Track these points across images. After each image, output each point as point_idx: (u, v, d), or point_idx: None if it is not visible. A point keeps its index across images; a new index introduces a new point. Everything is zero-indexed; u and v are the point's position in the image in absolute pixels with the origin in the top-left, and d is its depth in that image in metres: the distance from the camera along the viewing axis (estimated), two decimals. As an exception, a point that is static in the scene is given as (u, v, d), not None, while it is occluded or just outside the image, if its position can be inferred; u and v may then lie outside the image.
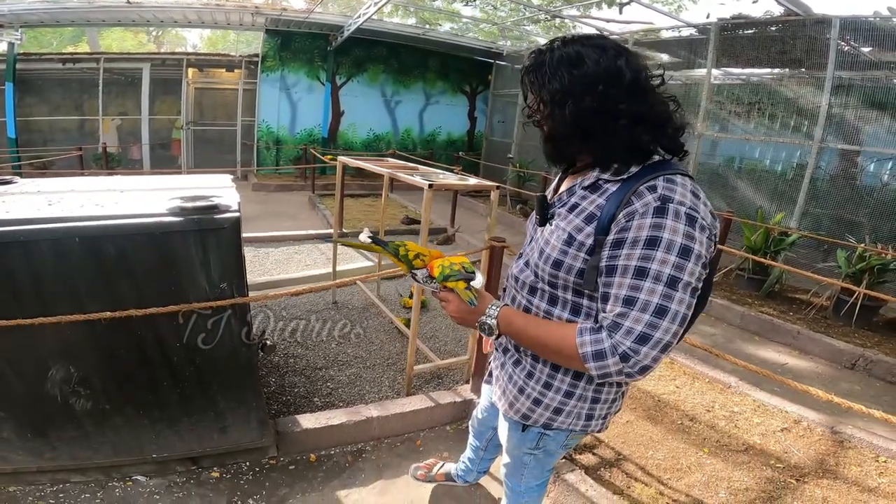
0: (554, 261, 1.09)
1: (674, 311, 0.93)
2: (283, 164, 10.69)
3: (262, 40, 10.07)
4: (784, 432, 2.69)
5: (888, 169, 5.21)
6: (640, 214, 0.96)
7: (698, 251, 0.95)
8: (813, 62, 5.50)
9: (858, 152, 5.31)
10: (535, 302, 1.18)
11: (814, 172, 5.45)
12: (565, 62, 1.02)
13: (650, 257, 0.94)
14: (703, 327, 4.39)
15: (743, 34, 6.16)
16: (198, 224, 1.62)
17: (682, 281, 0.94)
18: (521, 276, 1.22)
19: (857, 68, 5.37)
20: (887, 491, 2.28)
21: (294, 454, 2.31)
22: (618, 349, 0.95)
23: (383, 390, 2.88)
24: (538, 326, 1.11)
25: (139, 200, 1.90)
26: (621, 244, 0.97)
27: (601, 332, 0.98)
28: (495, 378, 1.39)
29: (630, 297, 0.95)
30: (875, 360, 3.61)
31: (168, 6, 8.35)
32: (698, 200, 0.98)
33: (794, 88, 5.81)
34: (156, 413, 1.90)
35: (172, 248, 1.66)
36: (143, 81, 9.57)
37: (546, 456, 1.36)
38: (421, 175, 2.85)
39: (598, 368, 0.98)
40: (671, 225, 0.94)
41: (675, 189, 0.97)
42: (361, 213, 7.55)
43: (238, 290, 1.77)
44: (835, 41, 5.14)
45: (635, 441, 2.57)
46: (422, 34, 10.56)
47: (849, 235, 4.86)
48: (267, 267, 4.95)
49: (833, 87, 5.27)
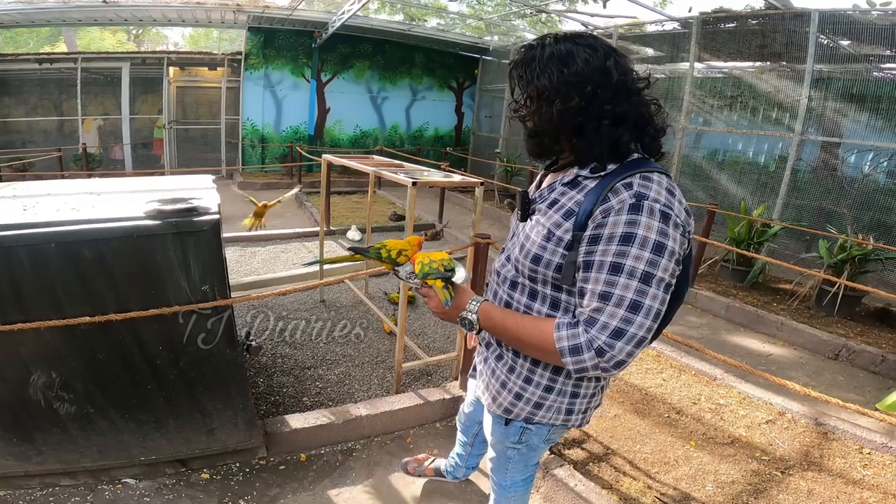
0: (533, 255, 1.10)
1: (647, 307, 0.95)
2: (269, 162, 10.58)
3: (244, 38, 9.94)
4: (769, 424, 2.73)
5: (868, 160, 5.29)
6: (615, 211, 0.97)
7: (672, 248, 0.97)
8: (793, 55, 5.57)
9: (839, 144, 5.38)
10: (515, 296, 1.19)
11: (795, 164, 5.52)
12: (555, 59, 1.02)
13: (625, 253, 0.95)
14: (690, 318, 4.43)
15: (724, 28, 6.21)
16: (176, 227, 1.60)
17: (656, 277, 0.95)
18: (503, 271, 1.24)
19: (837, 61, 5.44)
20: (872, 483, 2.31)
21: (284, 454, 2.30)
22: (593, 344, 0.96)
23: (372, 388, 2.87)
24: (517, 321, 1.12)
25: (116, 203, 1.87)
26: (598, 240, 0.99)
27: (578, 326, 1.00)
28: (479, 373, 1.41)
29: (605, 293, 0.96)
30: (857, 350, 3.67)
31: (146, 5, 8.20)
32: (673, 198, 1.00)
33: (775, 82, 5.87)
34: (141, 416, 1.90)
35: (151, 252, 1.65)
36: (123, 81, 9.39)
37: (529, 450, 1.38)
38: (405, 173, 2.83)
39: (575, 363, 0.99)
40: (646, 222, 0.95)
41: (651, 187, 0.99)
42: (349, 210, 7.51)
43: (220, 291, 1.75)
44: (814, 34, 5.19)
45: (623, 435, 2.59)
46: (408, 30, 10.49)
47: (830, 226, 4.93)
48: (254, 266, 4.90)
49: (813, 81, 5.32)
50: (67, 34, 14.66)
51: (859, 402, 3.11)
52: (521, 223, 1.21)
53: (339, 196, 8.27)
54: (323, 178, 3.70)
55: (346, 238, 5.97)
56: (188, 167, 9.86)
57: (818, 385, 3.34)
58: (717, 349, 3.82)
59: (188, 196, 1.77)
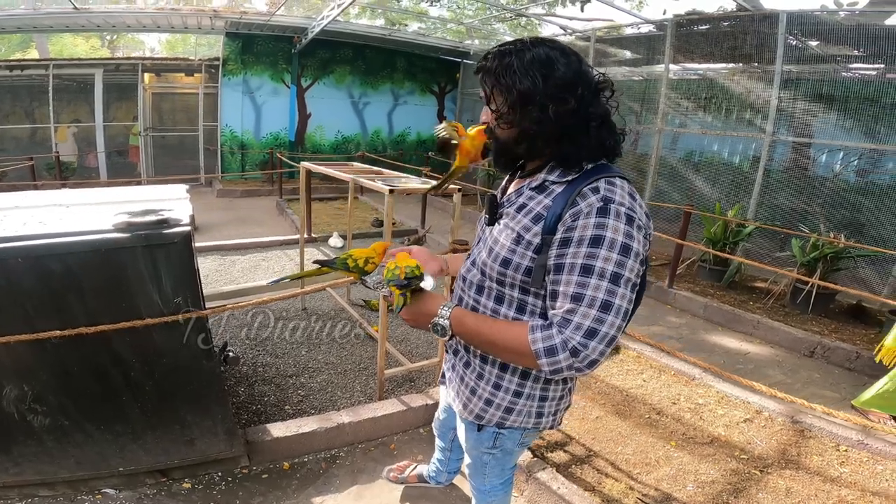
0: (503, 259, 1.12)
1: (617, 306, 0.98)
2: (249, 168, 10.45)
3: (222, 44, 9.83)
4: (747, 423, 2.77)
5: (839, 160, 5.42)
6: (584, 214, 1.00)
7: (636, 249, 1.00)
8: (763, 56, 5.65)
9: (809, 144, 5.49)
10: (482, 301, 1.21)
11: (767, 165, 5.61)
12: (538, 64, 1.03)
13: (595, 255, 0.98)
14: (670, 318, 4.50)
15: (697, 30, 6.30)
16: (146, 240, 1.58)
17: (624, 277, 0.99)
18: (468, 276, 1.25)
19: (805, 62, 5.54)
20: (849, 480, 2.35)
21: (266, 463, 2.30)
22: (568, 344, 0.98)
23: (355, 395, 2.86)
24: (491, 326, 1.12)
25: (86, 216, 1.84)
26: (568, 243, 1.01)
27: (552, 328, 1.01)
28: (448, 380, 1.41)
29: (578, 294, 0.99)
30: (832, 348, 3.75)
31: (119, 11, 8.07)
32: (635, 202, 1.04)
33: (747, 83, 5.96)
34: (117, 427, 1.89)
35: (120, 265, 1.64)
36: (96, 87, 9.18)
37: (504, 455, 1.39)
38: (383, 180, 2.82)
39: (550, 364, 1.00)
40: (613, 224, 0.99)
41: (616, 191, 1.02)
42: (331, 216, 7.46)
43: (193, 303, 1.74)
44: (782, 35, 5.27)
45: (605, 437, 2.62)
46: (388, 35, 10.49)
47: (802, 225, 5.04)
48: (233, 275, 4.84)
49: (782, 81, 5.41)
50: (39, 40, 14.33)
51: (835, 399, 3.21)
52: (488, 227, 1.22)
53: (322, 202, 8.21)
54: (302, 185, 3.67)
55: (328, 245, 5.93)
56: (165, 175, 9.68)
57: (794, 382, 3.41)
58: (695, 349, 3.89)
59: (159, 208, 1.74)
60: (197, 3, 9.06)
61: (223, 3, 9.18)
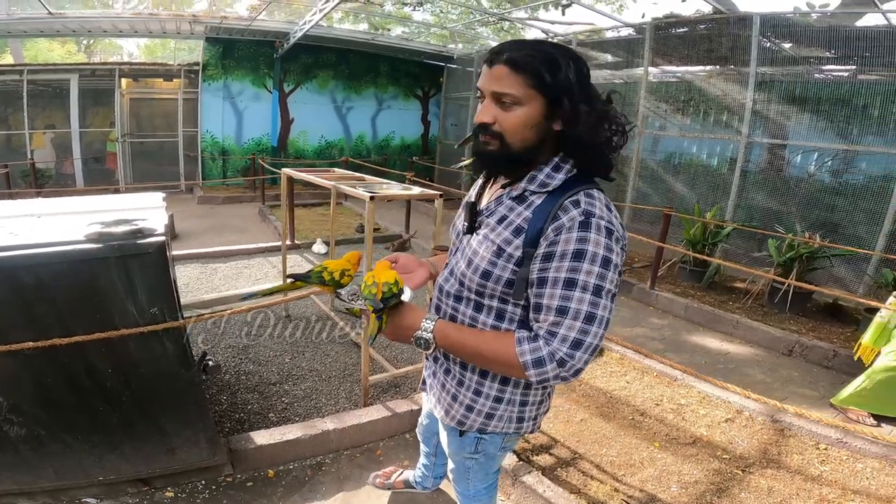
0: (483, 271, 1.12)
1: (600, 317, 1.01)
2: (231, 175, 10.33)
3: (202, 48, 9.71)
4: (728, 423, 2.81)
5: (813, 161, 5.53)
6: (566, 228, 1.01)
7: (616, 261, 1.03)
8: (738, 59, 5.73)
9: (784, 146, 5.58)
10: (461, 309, 1.21)
11: (744, 166, 5.69)
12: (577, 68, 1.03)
13: (578, 269, 1.00)
14: (653, 320, 4.55)
15: (675, 33, 6.38)
16: (119, 250, 1.55)
17: (605, 289, 1.01)
18: (446, 286, 1.25)
19: (779, 64, 5.63)
20: (830, 479, 2.38)
21: (251, 471, 2.28)
22: (555, 356, 1.00)
23: (340, 402, 2.84)
24: (476, 338, 1.12)
25: (58, 227, 1.81)
26: (551, 257, 1.02)
27: (538, 340, 1.02)
28: (429, 386, 1.41)
29: (562, 307, 1.00)
30: (810, 346, 3.81)
31: (94, 17, 7.92)
32: (612, 213, 1.05)
33: (723, 85, 6.04)
34: (95, 437, 1.88)
35: (93, 276, 1.62)
36: (72, 93, 8.99)
37: (487, 459, 1.40)
38: (364, 186, 2.81)
39: (538, 375, 1.02)
40: (594, 238, 1.00)
41: (596, 203, 1.04)
42: (314, 222, 7.40)
43: (169, 313, 1.72)
44: (756, 38, 5.34)
45: (590, 439, 2.63)
46: (371, 39, 10.47)
47: (777, 225, 5.13)
48: (215, 283, 4.77)
49: (757, 83, 5.50)
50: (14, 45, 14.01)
51: (814, 398, 3.27)
52: (466, 236, 1.22)
53: (305, 208, 8.14)
54: (283, 192, 3.64)
55: (311, 251, 5.88)
56: (144, 181, 9.51)
57: (774, 381, 3.47)
58: (678, 349, 3.94)
59: (133, 217, 1.71)
60: (176, 7, 8.94)
61: (204, 7, 9.05)
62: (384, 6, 10.18)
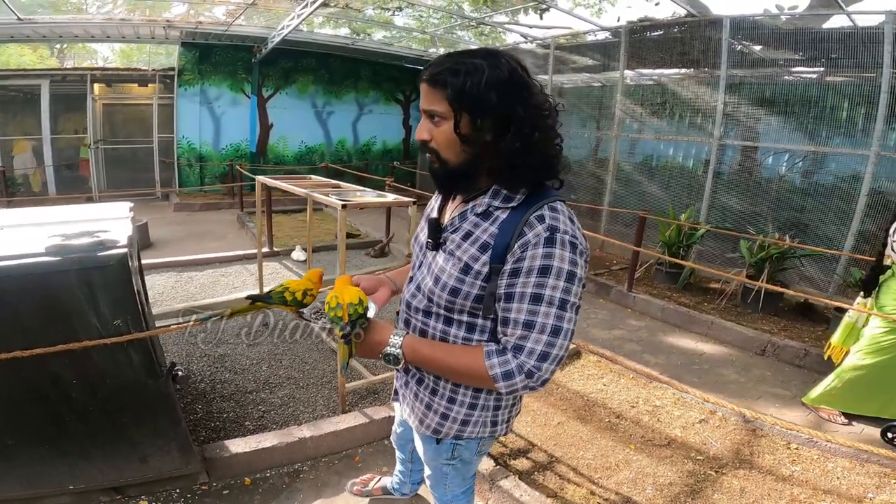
0: (451, 288, 1.12)
1: (566, 329, 1.04)
2: (209, 181, 10.17)
3: (177, 53, 9.57)
4: (702, 423, 2.85)
5: (784, 162, 5.64)
6: (532, 245, 1.03)
7: (580, 274, 1.06)
8: (709, 62, 5.81)
9: (755, 148, 5.69)
10: (430, 323, 1.21)
11: (717, 168, 5.78)
12: (510, 84, 1.01)
13: (544, 284, 1.02)
14: (630, 322, 4.60)
15: (650, 36, 6.45)
16: (80, 263, 1.53)
17: (570, 302, 1.04)
18: (414, 302, 1.24)
19: (749, 66, 5.73)
20: (801, 479, 2.42)
21: (227, 479, 2.27)
22: (523, 368, 1.04)
23: (318, 409, 2.83)
24: (446, 353, 1.14)
25: (19, 239, 1.77)
26: (518, 273, 1.04)
27: (506, 353, 1.06)
28: (401, 396, 1.42)
29: (529, 321, 1.03)
30: (782, 346, 3.89)
31: (65, 22, 7.73)
32: (575, 227, 1.07)
33: (695, 88, 6.12)
34: (65, 447, 1.88)
35: (55, 289, 1.60)
36: (43, 98, 8.79)
37: (464, 465, 1.41)
38: (337, 194, 2.80)
39: (508, 387, 1.06)
40: (559, 253, 1.02)
41: (560, 218, 1.06)
42: (294, 229, 7.33)
43: (134, 325, 1.71)
44: (726, 40, 5.42)
45: (567, 442, 2.65)
46: (351, 44, 10.43)
47: (748, 227, 5.23)
48: (191, 292, 4.69)
49: (728, 86, 5.58)
50: (-19, 50, 13.63)
51: (786, 397, 3.33)
52: (430, 252, 1.21)
53: (285, 215, 8.06)
54: (258, 199, 3.61)
55: (290, 259, 5.82)
56: (118, 188, 9.32)
57: (748, 381, 3.53)
58: (655, 350, 3.99)
59: (96, 229, 1.68)
60: (150, 12, 8.78)
61: (182, 11, 8.90)
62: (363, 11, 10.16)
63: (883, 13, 4.40)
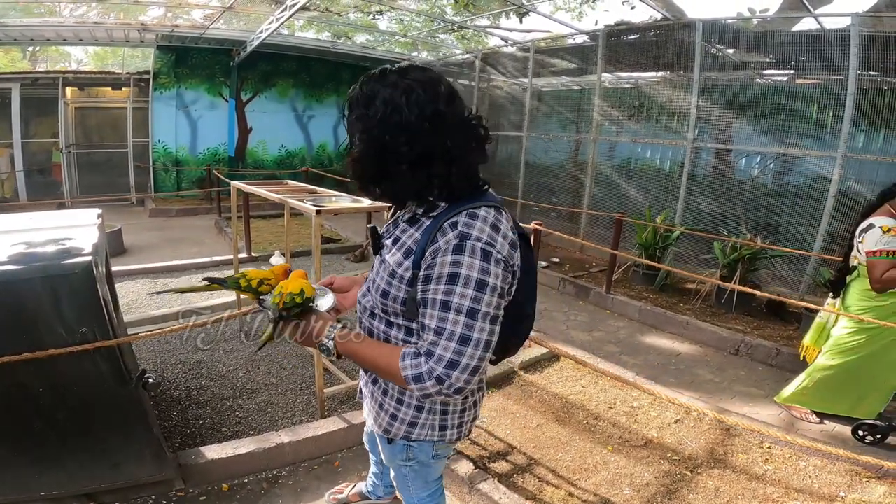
0: (382, 290, 1.17)
1: (476, 339, 1.03)
2: (186, 186, 10.01)
3: (153, 56, 9.41)
4: (678, 424, 2.89)
5: (756, 164, 5.76)
6: (442, 252, 1.04)
7: (493, 283, 1.04)
8: (683, 65, 5.90)
9: (728, 150, 5.79)
10: (375, 324, 1.25)
11: (691, 170, 5.88)
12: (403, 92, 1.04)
13: (451, 292, 1.03)
14: (609, 323, 4.66)
15: (627, 40, 6.54)
16: (44, 271, 1.51)
17: (481, 312, 1.03)
18: (363, 301, 1.29)
19: (721, 69, 5.83)
20: (774, 478, 2.46)
21: (204, 485, 2.26)
22: (433, 373, 1.04)
23: (297, 415, 2.81)
24: (372, 349, 1.18)
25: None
26: (430, 279, 1.06)
27: (420, 357, 1.07)
28: (364, 395, 1.46)
29: (439, 328, 1.04)
30: (755, 345, 3.97)
31: (36, 25, 7.56)
32: (497, 234, 1.06)
33: (670, 91, 6.22)
34: (35, 453, 1.86)
35: (19, 297, 1.58)
36: (13, 102, 8.55)
37: (422, 467, 1.43)
38: (312, 200, 2.79)
39: (419, 390, 1.07)
40: (468, 261, 1.03)
41: (475, 225, 1.05)
42: (273, 234, 7.25)
43: (101, 332, 1.69)
44: (699, 44, 5.51)
45: (545, 444, 2.66)
46: (332, 47, 10.38)
47: (721, 228, 5.33)
48: (165, 299, 4.60)
49: (700, 89, 5.67)
50: (-52, 52, 13.23)
51: (760, 396, 3.40)
52: (376, 257, 1.27)
53: (265, 220, 7.97)
54: (233, 205, 3.57)
55: (268, 264, 5.74)
56: (92, 194, 9.11)
57: (722, 381, 3.59)
58: (632, 351, 4.04)
59: (62, 236, 1.65)
60: (125, 15, 8.63)
61: (159, 14, 8.76)
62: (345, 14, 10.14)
63: (849, 15, 4.51)
